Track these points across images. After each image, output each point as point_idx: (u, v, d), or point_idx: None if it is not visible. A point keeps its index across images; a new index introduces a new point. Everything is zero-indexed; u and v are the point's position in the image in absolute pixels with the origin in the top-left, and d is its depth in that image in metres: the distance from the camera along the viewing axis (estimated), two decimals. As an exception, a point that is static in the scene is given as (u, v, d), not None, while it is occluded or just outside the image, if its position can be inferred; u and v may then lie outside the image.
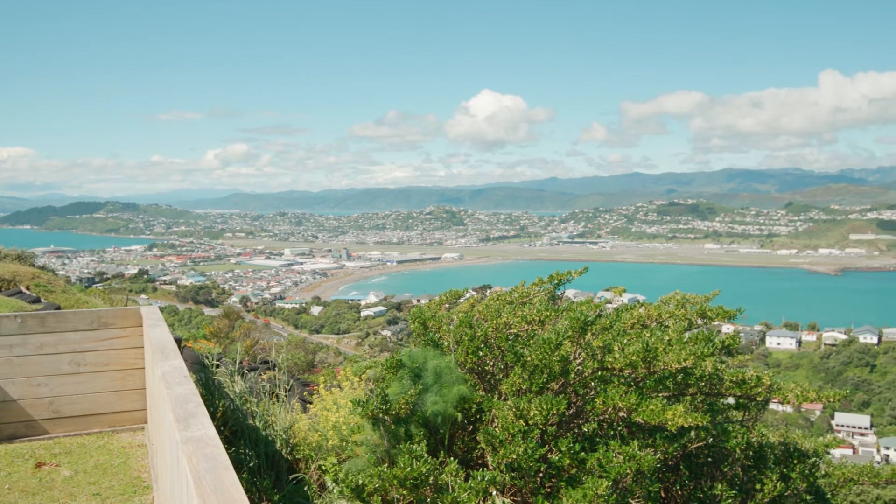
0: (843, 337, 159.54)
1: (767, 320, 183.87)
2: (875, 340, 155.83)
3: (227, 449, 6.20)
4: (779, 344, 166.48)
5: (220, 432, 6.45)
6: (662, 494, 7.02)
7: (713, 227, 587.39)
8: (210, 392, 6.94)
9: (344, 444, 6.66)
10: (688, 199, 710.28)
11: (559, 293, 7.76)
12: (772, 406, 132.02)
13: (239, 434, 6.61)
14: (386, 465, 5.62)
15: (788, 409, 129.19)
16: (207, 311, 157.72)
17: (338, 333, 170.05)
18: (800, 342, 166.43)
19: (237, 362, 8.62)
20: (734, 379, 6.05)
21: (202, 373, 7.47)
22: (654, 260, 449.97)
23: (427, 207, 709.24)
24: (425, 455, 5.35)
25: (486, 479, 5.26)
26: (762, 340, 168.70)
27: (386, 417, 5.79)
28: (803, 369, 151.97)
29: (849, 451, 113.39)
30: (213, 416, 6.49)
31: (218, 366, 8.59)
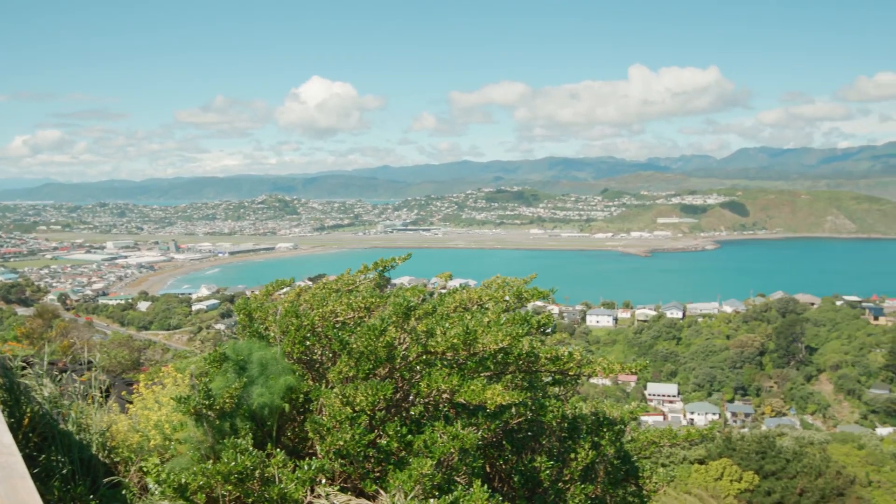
0: (653, 313, 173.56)
1: (588, 300, 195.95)
2: (680, 315, 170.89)
3: (36, 456, 5.80)
4: (597, 322, 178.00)
5: (27, 439, 6.02)
6: (488, 469, 7.38)
7: (538, 212, 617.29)
8: (14, 397, 6.42)
9: (167, 443, 6.43)
10: (514, 187, 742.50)
11: (394, 280, 7.90)
12: (593, 381, 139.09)
13: (50, 440, 6.18)
14: (211, 461, 5.49)
15: (607, 382, 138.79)
16: (21, 310, 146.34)
17: (168, 329, 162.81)
18: (616, 319, 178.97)
19: (48, 364, 8.01)
20: (549, 356, 6.47)
21: (6, 377, 6.89)
22: (484, 245, 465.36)
23: (259, 196, 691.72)
24: (251, 448, 5.29)
25: (313, 467, 5.28)
26: (583, 319, 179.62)
27: (209, 413, 5.65)
28: (620, 344, 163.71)
29: (660, 418, 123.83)
30: (19, 422, 6.03)
31: (25, 368, 7.95)
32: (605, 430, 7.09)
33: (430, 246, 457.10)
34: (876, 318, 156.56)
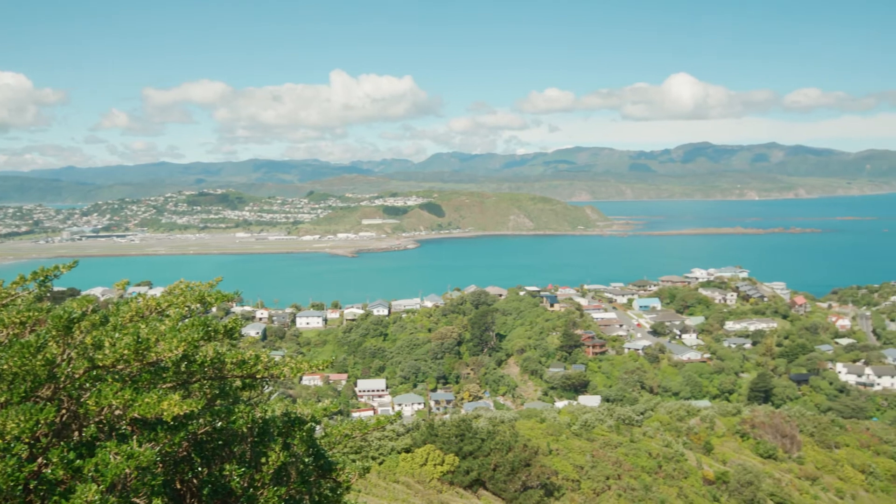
0: (361, 312, 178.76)
1: (298, 302, 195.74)
2: (386, 312, 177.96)
3: None
4: (308, 323, 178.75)
5: None
6: (178, 485, 6.97)
7: (243, 216, 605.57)
8: None
9: None
10: (217, 189, 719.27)
11: (85, 292, 7.09)
12: (306, 381, 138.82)
13: None
14: None
15: (319, 382, 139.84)
16: None
17: None
18: (326, 320, 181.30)
19: None
20: (235, 361, 6.27)
21: None
22: (187, 251, 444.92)
23: None
24: None
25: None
26: (293, 322, 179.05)
27: None
28: (330, 344, 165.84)
29: (370, 413, 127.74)
30: None
31: None
32: (296, 429, 7.08)
33: (127, 253, 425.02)
34: (552, 305, 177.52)
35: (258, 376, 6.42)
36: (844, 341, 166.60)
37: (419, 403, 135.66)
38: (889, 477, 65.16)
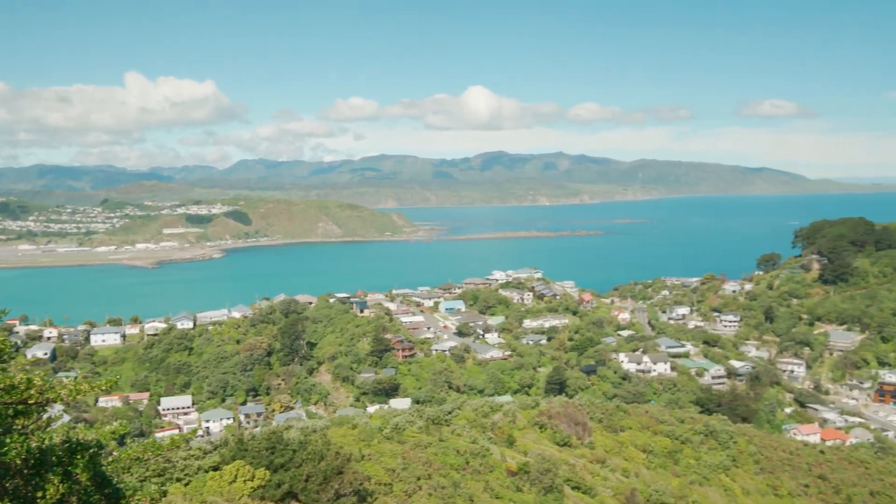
0: (164, 326, 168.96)
1: (92, 318, 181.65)
2: (191, 325, 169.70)
3: None
4: (104, 341, 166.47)
5: None
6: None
7: (27, 226, 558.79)
8: None
9: None
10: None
11: None
12: (102, 403, 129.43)
13: None
14: None
15: (117, 403, 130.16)
16: None
17: None
18: (124, 336, 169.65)
19: None
20: (2, 386, 5.84)
21: None
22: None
23: None
24: None
25: None
26: (87, 339, 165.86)
27: None
28: (130, 362, 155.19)
29: (176, 431, 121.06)
30: None
31: None
32: (79, 457, 6.69)
33: None
34: (362, 311, 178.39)
35: (31, 402, 6.00)
36: (625, 333, 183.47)
37: (228, 418, 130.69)
38: (666, 454, 72.56)
